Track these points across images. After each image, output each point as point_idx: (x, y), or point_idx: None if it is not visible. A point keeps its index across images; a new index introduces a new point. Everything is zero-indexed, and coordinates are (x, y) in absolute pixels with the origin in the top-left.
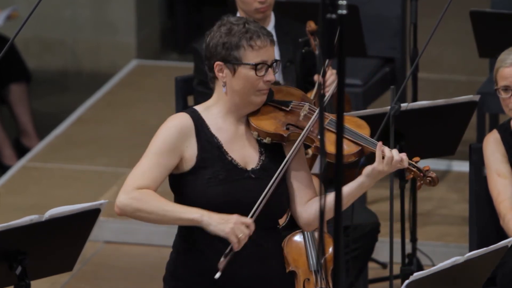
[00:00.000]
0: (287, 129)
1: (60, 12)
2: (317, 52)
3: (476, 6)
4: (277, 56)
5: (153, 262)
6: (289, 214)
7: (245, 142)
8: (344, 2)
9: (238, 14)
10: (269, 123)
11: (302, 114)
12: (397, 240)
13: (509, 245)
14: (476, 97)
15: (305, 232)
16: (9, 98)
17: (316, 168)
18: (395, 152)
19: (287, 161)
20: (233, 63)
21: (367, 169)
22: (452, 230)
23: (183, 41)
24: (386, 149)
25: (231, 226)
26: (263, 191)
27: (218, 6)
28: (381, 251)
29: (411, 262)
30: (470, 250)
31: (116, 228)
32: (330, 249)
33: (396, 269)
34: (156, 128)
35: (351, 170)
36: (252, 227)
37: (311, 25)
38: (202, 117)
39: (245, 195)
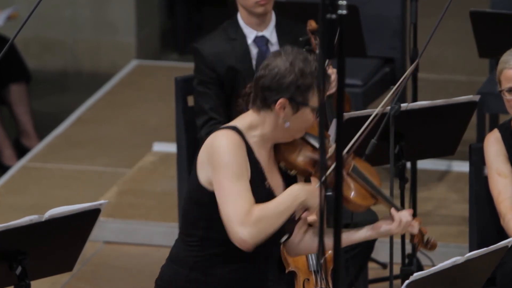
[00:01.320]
0: (315, 166)
1: (60, 12)
2: (317, 51)
3: (476, 6)
4: None
5: (153, 262)
6: None
7: (272, 168)
8: (344, 2)
9: (238, 14)
10: (299, 158)
11: (329, 154)
12: (397, 240)
13: (509, 245)
14: (476, 97)
15: None
16: (9, 98)
17: None
18: (410, 216)
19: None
20: (299, 103)
21: (382, 227)
22: (452, 230)
23: (183, 41)
24: (403, 213)
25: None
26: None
27: (218, 6)
28: (381, 251)
29: (411, 262)
30: (470, 250)
31: (116, 228)
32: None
33: (396, 269)
34: (156, 128)
35: None
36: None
37: (312, 24)
38: (247, 140)
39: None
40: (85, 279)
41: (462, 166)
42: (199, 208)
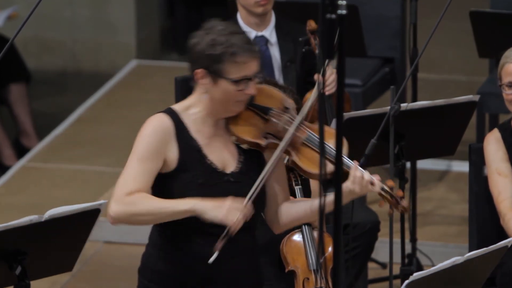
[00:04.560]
0: (265, 137)
1: (59, 12)
2: (317, 51)
3: (476, 6)
4: (277, 56)
5: None
6: None
7: (223, 144)
8: (344, 2)
9: (238, 14)
10: (248, 131)
11: (281, 124)
12: (396, 240)
13: (509, 245)
14: (476, 97)
15: (304, 232)
16: (9, 98)
17: None
18: (367, 174)
19: (266, 171)
20: (215, 74)
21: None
22: (452, 230)
23: (183, 41)
24: (359, 170)
25: (225, 213)
26: (242, 194)
27: (218, 6)
28: (380, 251)
29: (410, 262)
30: (470, 250)
31: (116, 228)
32: (330, 248)
33: (396, 269)
34: None
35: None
36: (247, 210)
37: (312, 24)
38: (181, 119)
39: (223, 198)
40: (85, 279)
41: (462, 166)
42: (153, 190)
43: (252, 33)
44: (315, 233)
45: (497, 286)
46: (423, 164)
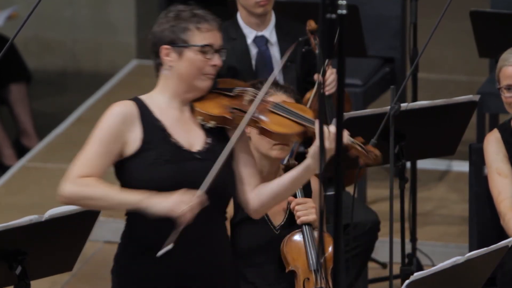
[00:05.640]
0: (232, 112)
1: (60, 12)
2: (317, 51)
3: (476, 6)
4: (277, 56)
5: None
6: (287, 213)
7: (190, 127)
8: (344, 2)
9: (238, 14)
10: (214, 107)
11: (246, 99)
12: (397, 240)
13: (510, 245)
14: (476, 97)
15: (305, 232)
16: (9, 98)
17: None
18: (333, 128)
19: (234, 140)
20: (180, 45)
21: (311, 149)
22: (452, 230)
23: None
24: (325, 127)
25: (171, 205)
26: (208, 172)
27: (218, 6)
28: (381, 251)
29: (411, 262)
30: (470, 250)
31: (116, 228)
32: (330, 248)
33: (396, 269)
34: None
35: (351, 170)
36: (201, 199)
37: (311, 24)
38: (145, 104)
39: (191, 175)
40: (85, 279)
41: (462, 166)
42: (120, 177)
43: (252, 33)
44: (315, 233)
45: (498, 286)
46: (423, 164)
